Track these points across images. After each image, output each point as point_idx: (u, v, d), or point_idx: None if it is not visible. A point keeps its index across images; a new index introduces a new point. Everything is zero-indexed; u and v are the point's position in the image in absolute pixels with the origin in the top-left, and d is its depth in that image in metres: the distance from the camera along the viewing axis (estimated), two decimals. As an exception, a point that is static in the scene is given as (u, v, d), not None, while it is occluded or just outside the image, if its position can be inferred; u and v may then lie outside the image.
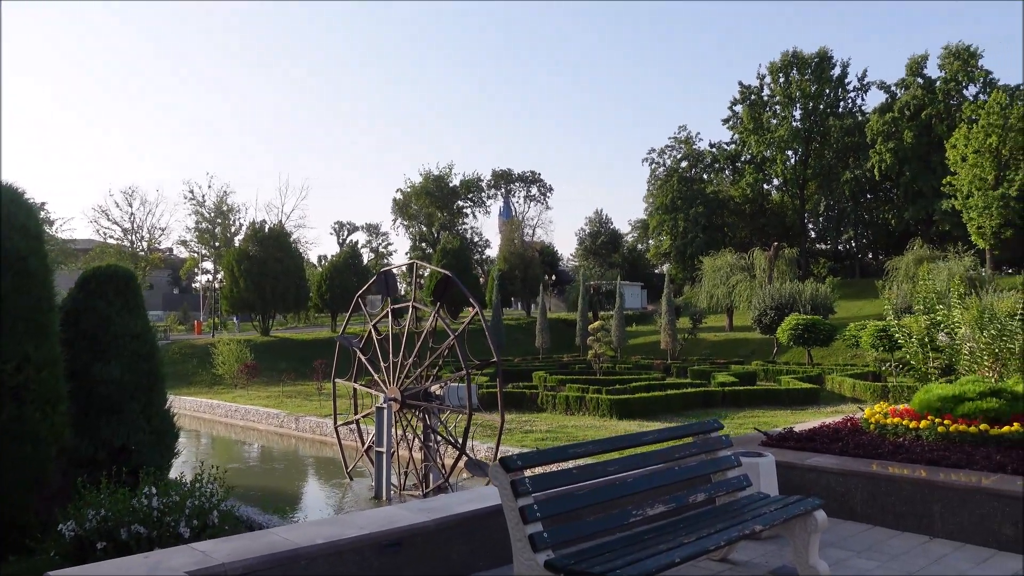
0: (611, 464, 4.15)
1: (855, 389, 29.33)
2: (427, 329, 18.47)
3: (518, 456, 3.80)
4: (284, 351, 47.84)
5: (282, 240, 54.30)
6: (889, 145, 66.22)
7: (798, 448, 6.86)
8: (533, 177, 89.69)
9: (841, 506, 6.08)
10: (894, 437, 6.97)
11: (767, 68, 74.04)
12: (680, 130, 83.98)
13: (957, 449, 6.41)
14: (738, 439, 7.72)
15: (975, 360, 8.98)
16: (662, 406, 27.28)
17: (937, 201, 62.76)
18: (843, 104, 73.87)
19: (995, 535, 5.34)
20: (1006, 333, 9.18)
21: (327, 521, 4.62)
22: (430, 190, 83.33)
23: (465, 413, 17.48)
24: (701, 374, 35.51)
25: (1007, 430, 6.52)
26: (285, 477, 23.19)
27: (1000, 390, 7.01)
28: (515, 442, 23.15)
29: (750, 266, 54.63)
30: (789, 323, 38.68)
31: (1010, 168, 55.55)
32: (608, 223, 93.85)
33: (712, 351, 49.75)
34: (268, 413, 30.77)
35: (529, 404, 29.34)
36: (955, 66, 65.12)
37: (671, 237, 73.63)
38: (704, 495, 4.53)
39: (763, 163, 75.12)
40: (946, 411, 6.99)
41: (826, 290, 45.96)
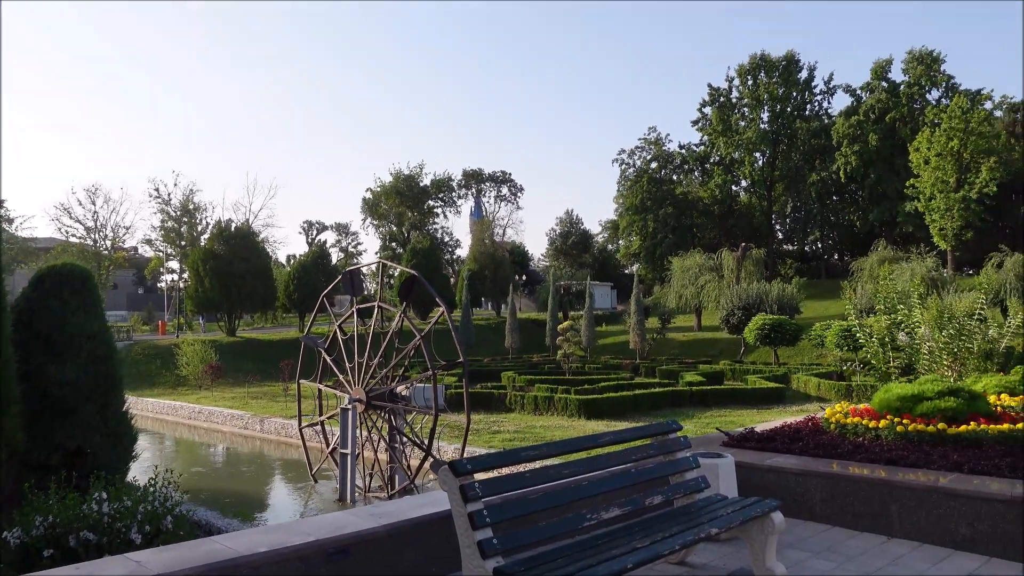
0: (566, 467, 4.05)
1: (820, 388, 29.65)
2: (393, 329, 18.26)
3: (468, 460, 3.69)
4: (250, 352, 47.20)
5: (249, 239, 53.56)
6: (854, 148, 67.22)
7: (759, 448, 6.82)
8: (504, 177, 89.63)
9: (800, 506, 6.05)
10: (854, 437, 6.97)
11: (736, 71, 74.83)
12: (650, 131, 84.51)
13: (915, 448, 6.41)
14: (700, 439, 7.68)
15: (934, 359, 9.05)
16: (630, 406, 27.36)
17: (901, 203, 63.82)
18: (810, 107, 74.87)
19: (952, 535, 5.33)
20: (964, 333, 9.28)
21: (272, 528, 4.46)
22: (400, 189, 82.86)
23: (432, 414, 17.32)
24: (669, 374, 35.68)
25: (964, 429, 6.54)
26: (249, 480, 22.81)
27: (958, 389, 7.04)
28: (483, 443, 23.03)
29: (718, 266, 55.06)
30: (756, 323, 39.02)
31: (971, 171, 56.67)
32: (579, 223, 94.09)
33: (681, 351, 50.07)
34: (232, 415, 30.29)
35: (497, 404, 29.22)
36: (918, 71, 66.30)
37: (641, 237, 74.01)
38: (661, 497, 4.45)
39: (732, 164, 75.84)
40: (905, 410, 7.01)
41: (792, 290, 46.45)
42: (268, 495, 21.55)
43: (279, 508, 19.71)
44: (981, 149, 56.22)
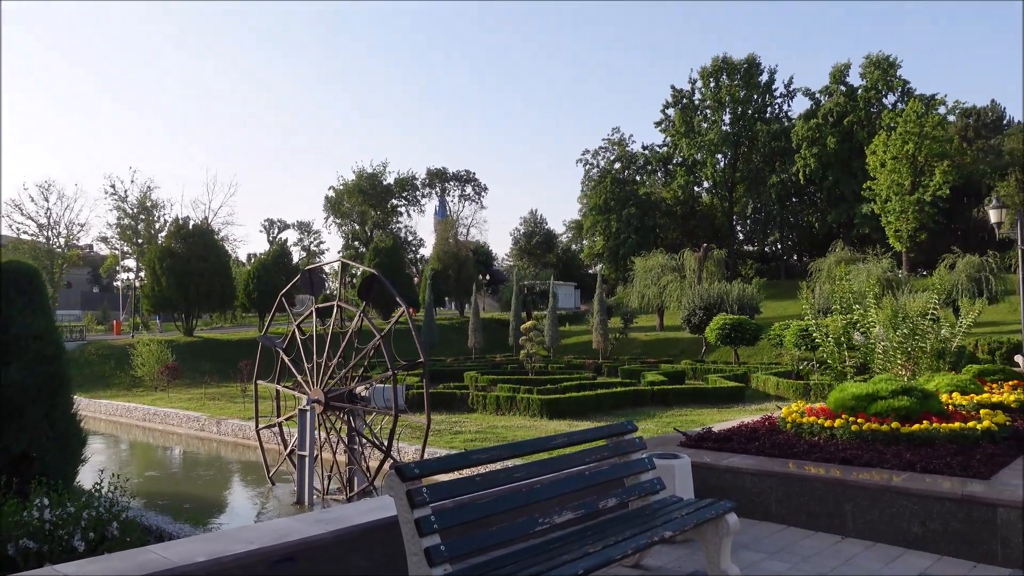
0: (518, 470, 3.95)
1: (779, 387, 30.02)
2: (352, 329, 18.01)
3: (416, 464, 3.56)
4: (208, 352, 46.36)
5: (207, 237, 52.61)
6: (813, 150, 68.34)
7: (716, 448, 6.80)
8: (468, 176, 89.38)
9: (756, 507, 6.03)
10: (810, 436, 6.99)
11: (698, 73, 75.58)
12: (614, 132, 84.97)
13: (869, 448, 6.44)
14: (658, 439, 7.64)
15: (888, 359, 9.15)
16: (592, 406, 27.41)
17: (858, 205, 65.06)
18: (770, 110, 75.95)
19: (904, 534, 5.35)
20: (918, 332, 9.41)
21: (214, 536, 4.29)
22: (363, 188, 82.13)
23: (392, 415, 17.11)
24: (631, 373, 35.85)
25: (917, 428, 6.59)
26: (205, 483, 22.34)
27: (911, 389, 7.10)
28: (444, 443, 22.87)
29: (680, 267, 55.51)
30: (717, 323, 39.40)
31: (925, 174, 57.97)
32: (543, 223, 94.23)
33: (643, 350, 50.37)
34: (189, 416, 29.68)
35: (459, 404, 29.08)
36: (875, 75, 67.61)
37: (604, 238, 74.36)
38: (616, 500, 4.37)
39: (694, 166, 76.60)
40: (860, 410, 7.05)
41: (752, 291, 47.00)
42: (225, 498, 21.12)
43: (236, 512, 19.32)
44: (935, 153, 57.55)
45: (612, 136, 78.78)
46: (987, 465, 5.75)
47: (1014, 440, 6.76)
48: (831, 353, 9.14)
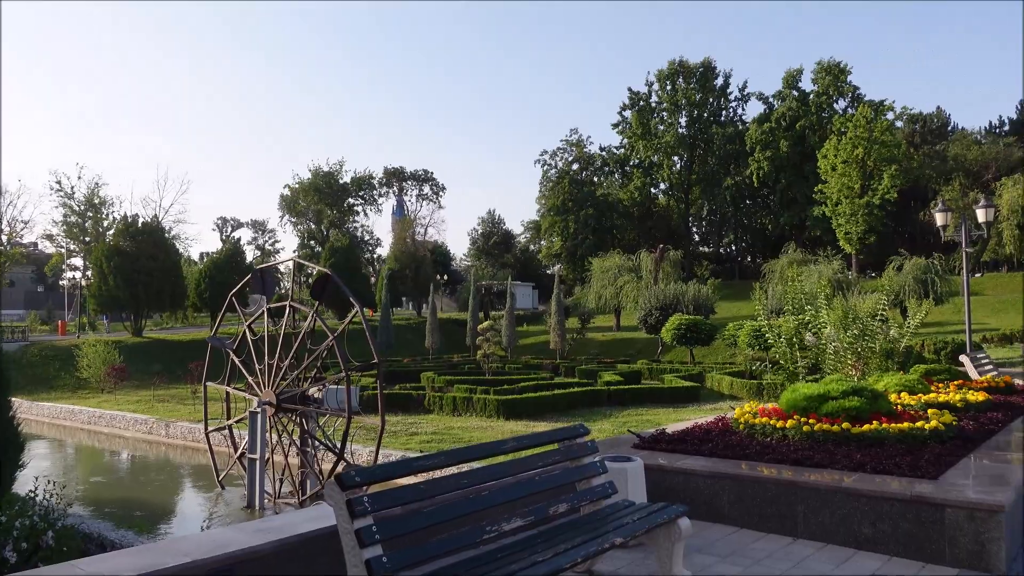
0: (465, 476, 3.82)
1: (733, 387, 30.36)
2: (305, 329, 17.66)
3: (356, 471, 3.41)
4: (158, 353, 45.25)
5: (157, 235, 51.37)
6: (767, 154, 69.51)
7: (669, 450, 6.76)
8: (426, 176, 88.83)
9: (709, 509, 6.00)
10: (762, 437, 6.99)
11: (655, 75, 76.28)
12: (571, 133, 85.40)
13: (821, 448, 6.46)
14: (612, 441, 7.58)
15: (839, 359, 9.26)
16: (549, 406, 27.39)
17: (809, 208, 66.34)
18: (725, 113, 77.04)
19: (855, 535, 5.35)
20: (868, 333, 9.55)
21: (146, 548, 4.07)
22: (319, 186, 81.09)
23: (345, 416, 16.81)
24: (588, 373, 35.95)
25: (867, 428, 6.64)
26: (152, 488, 21.73)
27: (861, 389, 7.16)
28: (399, 445, 22.64)
29: (637, 267, 55.93)
30: (673, 323, 39.74)
31: (874, 178, 59.36)
32: (501, 223, 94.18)
33: (600, 351, 50.60)
34: (136, 419, 28.87)
35: (416, 405, 28.84)
36: (826, 81, 69.02)
37: (562, 238, 74.60)
38: (566, 505, 4.26)
39: (651, 167, 77.30)
40: (811, 410, 7.07)
41: (708, 291, 47.53)
42: (173, 504, 20.57)
43: (185, 517, 18.81)
44: (883, 157, 58.96)
45: (570, 137, 79.17)
46: (935, 465, 5.79)
47: (960, 440, 6.86)
48: (783, 353, 9.20)
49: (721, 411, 27.04)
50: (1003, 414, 8.49)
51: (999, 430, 7.68)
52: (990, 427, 7.67)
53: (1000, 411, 8.67)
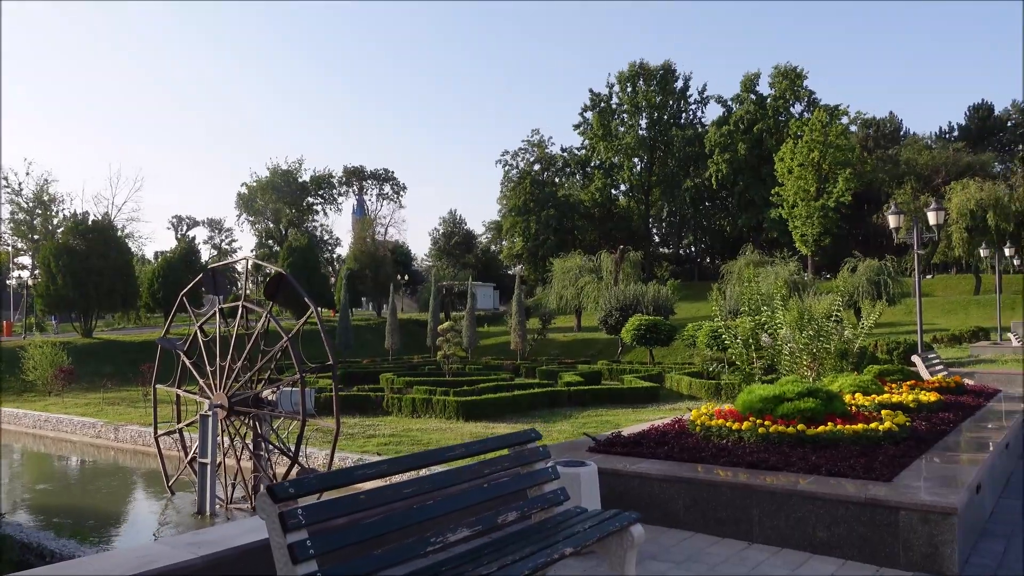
0: (409, 485, 3.63)
1: (691, 387, 30.55)
2: (258, 330, 17.24)
3: (291, 482, 3.20)
4: (109, 354, 44.07)
5: (108, 233, 50.04)
6: (725, 156, 70.35)
7: (625, 454, 6.65)
8: (386, 175, 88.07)
9: (665, 513, 5.89)
10: (718, 439, 6.92)
11: (616, 77, 76.69)
12: (533, 133, 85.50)
13: (776, 450, 6.40)
14: (567, 445, 7.45)
15: (794, 360, 9.26)
16: (509, 407, 27.25)
17: (767, 210, 67.31)
18: (685, 115, 77.79)
19: (810, 539, 5.29)
20: (823, 333, 9.59)
21: (68, 565, 3.81)
22: (277, 185, 79.90)
23: (299, 419, 16.44)
24: (549, 374, 35.90)
25: (822, 430, 6.61)
26: (100, 494, 21.05)
27: (816, 390, 7.14)
28: (356, 447, 22.32)
29: (598, 268, 56.13)
30: (633, 324, 39.93)
31: (829, 181, 60.43)
32: (462, 224, 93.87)
33: (561, 351, 50.64)
34: (84, 423, 28.00)
35: (374, 407, 28.49)
36: (783, 85, 70.10)
37: (524, 239, 74.58)
38: (516, 513, 4.10)
39: (611, 169, 77.70)
40: (767, 411, 7.03)
41: (667, 292, 47.87)
42: (122, 511, 19.93)
43: (134, 525, 18.23)
44: (838, 161, 60.05)
45: (532, 138, 79.22)
46: (889, 467, 5.77)
47: (913, 440, 6.87)
48: (739, 354, 9.17)
49: (680, 412, 27.26)
50: (954, 414, 8.57)
51: (950, 430, 7.73)
52: (942, 427, 7.72)
53: (951, 411, 8.75)
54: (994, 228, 49.45)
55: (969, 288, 58.57)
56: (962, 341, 35.33)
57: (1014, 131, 75.99)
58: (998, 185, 51.66)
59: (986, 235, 49.28)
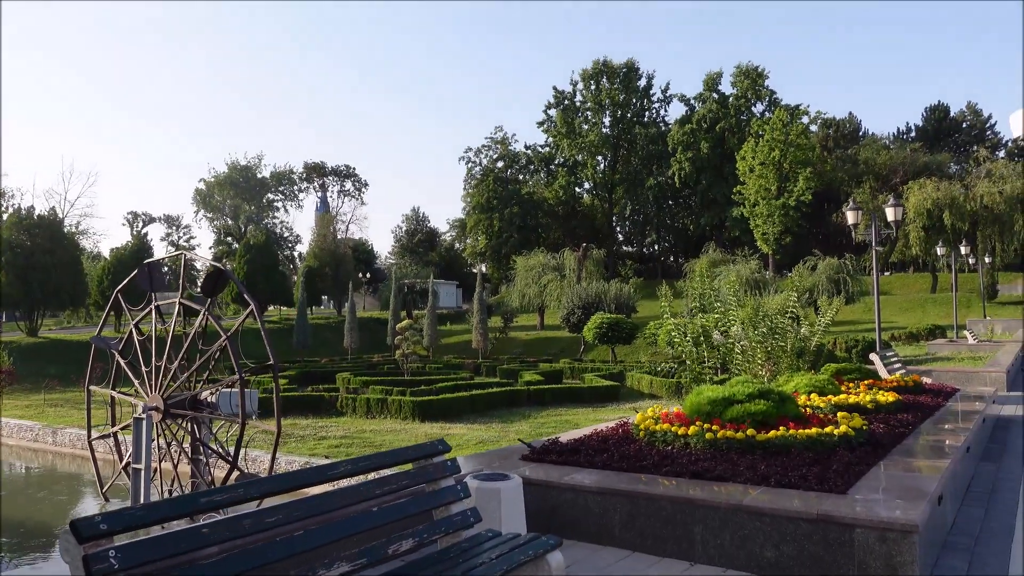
0: (272, 513, 3.01)
1: (652, 385, 30.29)
2: (196, 329, 16.36)
3: (102, 516, 2.55)
4: (54, 354, 42.50)
5: (55, 229, 48.30)
6: (688, 155, 70.40)
7: (560, 462, 6.05)
8: (348, 171, 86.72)
9: (599, 530, 5.32)
10: (663, 445, 6.36)
11: (580, 75, 76.34)
12: (497, 130, 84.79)
13: (723, 458, 5.85)
14: (502, 452, 6.85)
15: (747, 358, 8.76)
16: (467, 407, 26.74)
17: (729, 208, 67.50)
18: (648, 114, 77.68)
19: (757, 559, 4.76)
20: (778, 331, 9.14)
21: None
22: (236, 181, 78.21)
23: (239, 422, 15.61)
24: (510, 373, 35.40)
25: (773, 435, 6.08)
26: (30, 501, 20.00)
27: (768, 391, 6.62)
28: (306, 450, 21.62)
29: (561, 266, 55.72)
30: (595, 322, 39.57)
31: (790, 180, 60.74)
32: (425, 221, 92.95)
33: (523, 350, 50.14)
34: (21, 425, 26.80)
35: (328, 408, 27.76)
36: (745, 84, 70.35)
37: (487, 236, 73.89)
38: (413, 541, 3.49)
39: (575, 167, 77.34)
40: (715, 415, 6.49)
41: (629, 290, 47.63)
42: (53, 519, 18.92)
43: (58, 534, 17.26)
44: (799, 160, 60.39)
45: (495, 135, 78.45)
46: (844, 476, 5.26)
47: (870, 445, 6.39)
48: (688, 353, 8.59)
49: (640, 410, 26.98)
50: (913, 416, 8.14)
51: (909, 433, 7.28)
52: (900, 430, 7.27)
53: (910, 412, 8.33)
54: (950, 227, 50.05)
55: (926, 286, 59.33)
56: (919, 339, 35.54)
57: (969, 132, 77.30)
58: (954, 185, 52.32)
59: (942, 234, 49.84)
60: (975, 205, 50.44)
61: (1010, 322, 41.47)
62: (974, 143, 73.62)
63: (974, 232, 50.31)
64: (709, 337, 8.75)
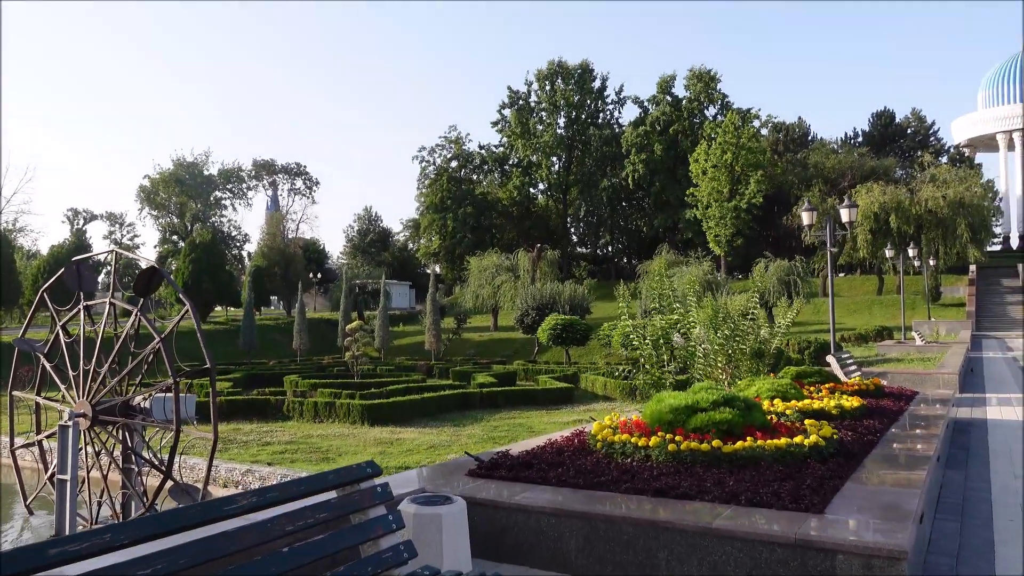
0: (148, 563, 2.41)
1: (606, 387, 30.05)
2: (127, 331, 15.41)
3: None
4: (-17, 356, 40.41)
5: (-16, 225, 46.14)
6: (642, 156, 70.60)
7: (511, 478, 5.50)
8: (298, 169, 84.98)
9: (554, 556, 4.79)
10: (622, 458, 5.86)
11: (535, 75, 76.08)
12: (450, 130, 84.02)
13: (688, 472, 5.37)
14: (447, 467, 6.28)
15: (708, 362, 8.32)
16: (418, 410, 26.18)
17: (682, 210, 67.88)
18: (602, 115, 77.75)
19: (729, 588, 4.28)
20: (739, 333, 8.76)
21: None
22: (181, 177, 75.95)
23: (172, 429, 14.72)
24: (462, 375, 34.84)
25: (740, 446, 5.63)
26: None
27: (733, 398, 6.18)
28: (249, 457, 20.79)
29: (515, 267, 55.28)
30: (549, 323, 39.21)
31: (741, 183, 61.30)
32: (378, 221, 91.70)
33: (477, 351, 49.55)
34: (-61, 434, 25.15)
35: (274, 412, 26.89)
36: (698, 87, 70.88)
37: (441, 237, 73.07)
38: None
39: (530, 167, 77.01)
40: (678, 424, 6.02)
41: (584, 291, 47.41)
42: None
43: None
44: (750, 163, 60.99)
45: (449, 134, 77.71)
46: (819, 493, 4.82)
47: (842, 456, 5.99)
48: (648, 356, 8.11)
49: (593, 413, 26.56)
50: (879, 422, 7.80)
51: (878, 441, 6.92)
52: (869, 438, 6.90)
53: (875, 418, 7.99)
54: (896, 231, 50.95)
55: (873, 289, 60.43)
56: (868, 340, 35.98)
57: (913, 138, 79.12)
58: (899, 189, 53.31)
59: (888, 237, 50.73)
60: (920, 209, 51.44)
61: (953, 323, 42.36)
62: (918, 148, 75.36)
63: (919, 235, 51.31)
64: (669, 339, 8.30)
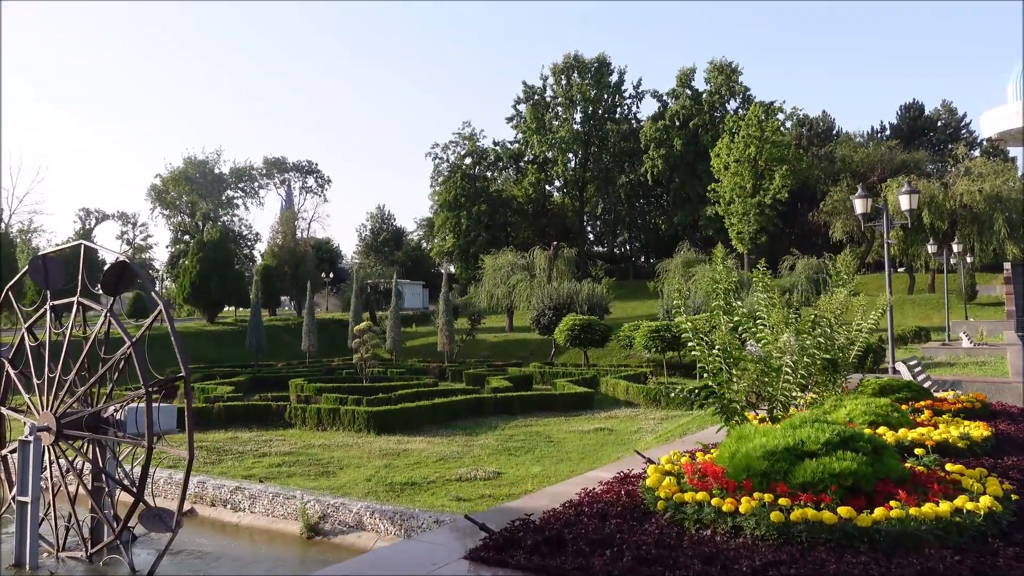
0: None
1: (628, 392, 28.26)
2: (95, 334, 13.68)
3: None
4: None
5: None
6: (661, 152, 68.48)
7: (535, 569, 3.58)
8: (310, 167, 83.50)
9: None
10: (697, 529, 3.97)
11: (550, 69, 74.17)
12: (464, 126, 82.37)
13: (806, 560, 3.48)
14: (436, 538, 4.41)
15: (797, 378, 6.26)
16: (428, 417, 24.53)
17: (702, 207, 65.67)
18: (620, 110, 75.66)
19: None
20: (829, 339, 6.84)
21: None
22: (192, 176, 74.64)
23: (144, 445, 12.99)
24: (476, 378, 33.12)
25: (881, 516, 3.71)
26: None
27: (853, 437, 4.26)
28: (242, 471, 19.15)
29: (530, 265, 53.43)
30: (566, 324, 37.36)
31: (765, 178, 59.04)
32: (391, 220, 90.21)
33: (492, 352, 47.72)
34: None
35: (275, 419, 25.30)
36: (719, 80, 68.65)
37: (455, 235, 71.32)
38: None
39: (545, 164, 75.08)
40: (777, 476, 4.13)
41: (602, 291, 45.52)
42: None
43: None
44: (774, 157, 58.72)
45: (463, 130, 75.81)
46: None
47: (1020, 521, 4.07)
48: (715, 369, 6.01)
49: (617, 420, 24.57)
50: (1021, 458, 5.87)
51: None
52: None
53: (1016, 454, 6.05)
54: (929, 226, 48.58)
55: (903, 287, 58.01)
56: (907, 341, 33.75)
57: (944, 131, 76.41)
58: (932, 183, 50.88)
59: (920, 233, 48.39)
60: (955, 204, 49.02)
61: (993, 323, 40.03)
62: (949, 141, 72.72)
63: (953, 231, 48.91)
64: (740, 349, 6.38)
